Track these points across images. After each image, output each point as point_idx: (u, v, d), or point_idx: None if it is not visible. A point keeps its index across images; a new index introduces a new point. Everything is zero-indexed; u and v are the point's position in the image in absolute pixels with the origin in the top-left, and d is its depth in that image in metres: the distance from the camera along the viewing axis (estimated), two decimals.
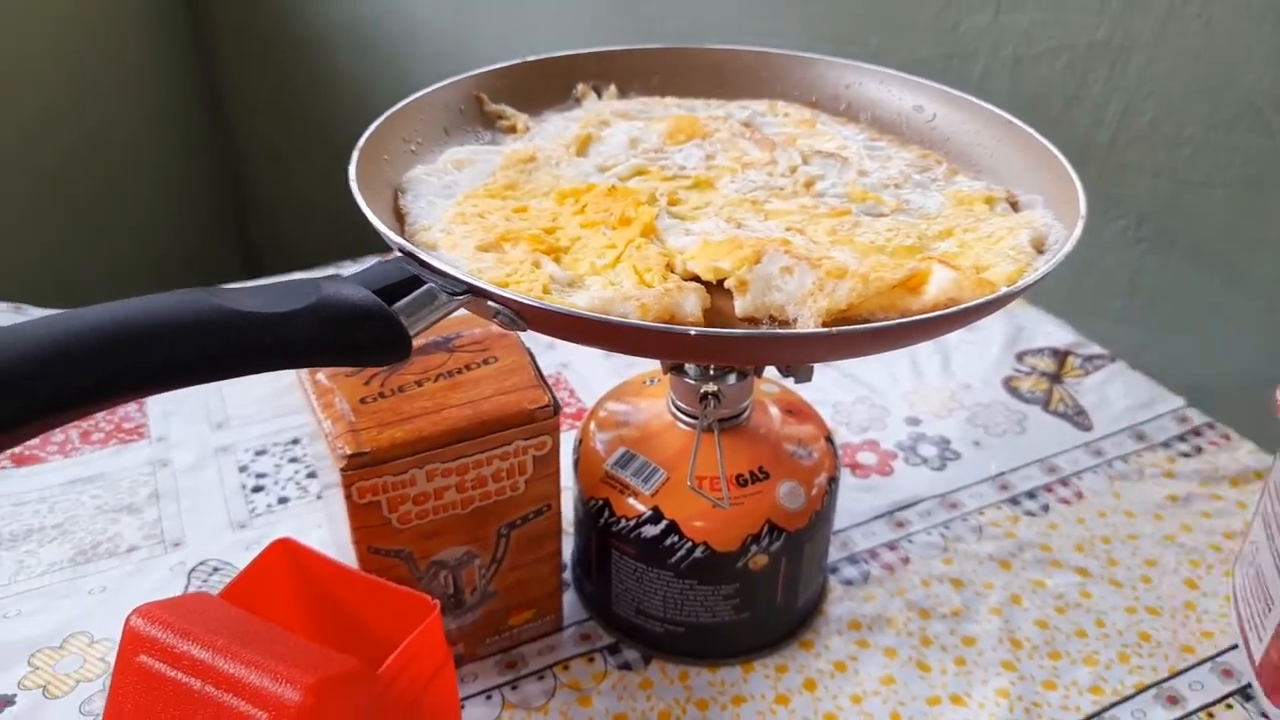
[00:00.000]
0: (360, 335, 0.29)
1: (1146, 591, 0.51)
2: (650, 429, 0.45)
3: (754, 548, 0.43)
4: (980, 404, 0.64)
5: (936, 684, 0.46)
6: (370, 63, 1.28)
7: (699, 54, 0.50)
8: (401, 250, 0.33)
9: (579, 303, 0.33)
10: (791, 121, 0.47)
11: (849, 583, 0.51)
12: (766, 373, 0.47)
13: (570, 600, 0.49)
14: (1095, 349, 0.69)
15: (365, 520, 0.39)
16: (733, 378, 0.42)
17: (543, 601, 0.46)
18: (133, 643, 0.32)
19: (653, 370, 0.49)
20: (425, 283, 0.32)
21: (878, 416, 0.63)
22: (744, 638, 0.46)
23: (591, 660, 0.47)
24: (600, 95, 0.49)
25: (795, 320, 0.34)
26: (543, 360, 0.43)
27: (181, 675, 0.31)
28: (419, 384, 0.41)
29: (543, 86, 0.48)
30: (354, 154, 0.38)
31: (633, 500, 0.43)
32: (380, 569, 0.41)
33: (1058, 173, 0.40)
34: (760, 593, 0.45)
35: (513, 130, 0.47)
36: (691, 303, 0.34)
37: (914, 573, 0.51)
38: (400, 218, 0.39)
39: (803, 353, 0.35)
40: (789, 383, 0.43)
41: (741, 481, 0.43)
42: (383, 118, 0.41)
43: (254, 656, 0.31)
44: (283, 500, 0.55)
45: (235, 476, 0.57)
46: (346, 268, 0.77)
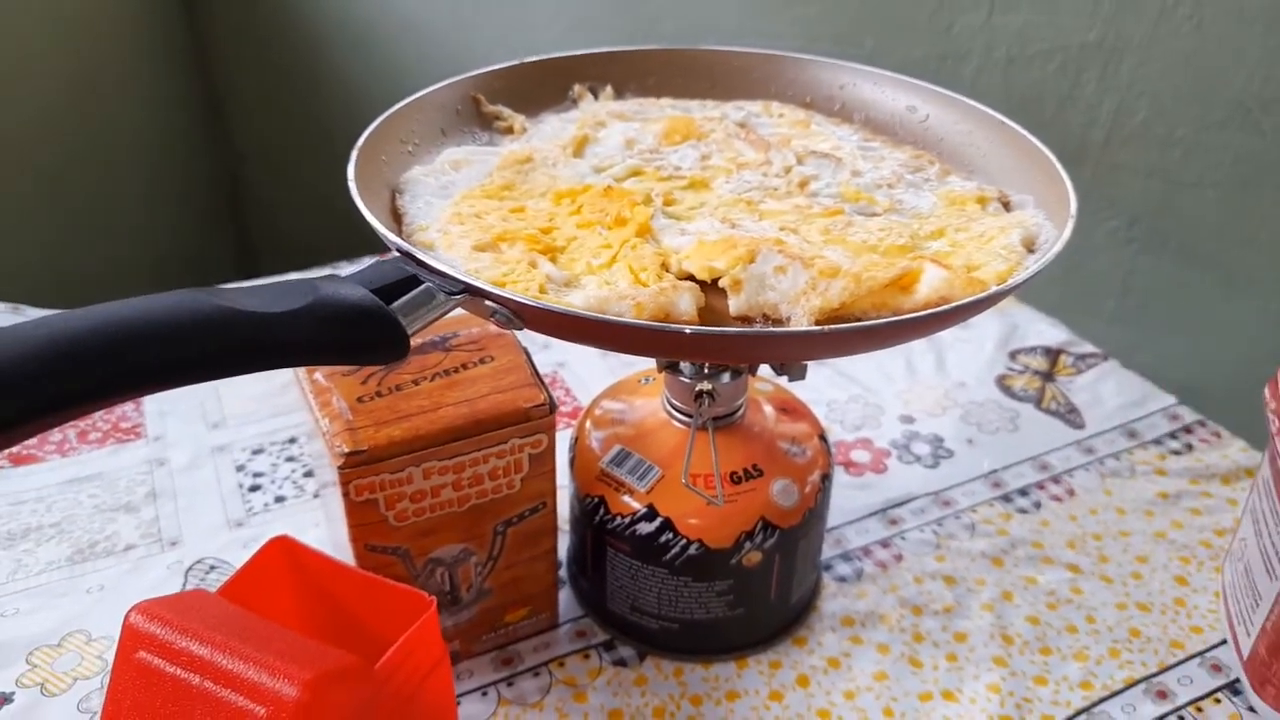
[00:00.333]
0: (358, 334, 0.30)
1: (1137, 588, 0.51)
2: (645, 427, 0.45)
3: (748, 545, 0.43)
4: (973, 402, 0.64)
5: (929, 679, 0.46)
6: (368, 63, 1.28)
7: (694, 55, 0.51)
8: (399, 250, 0.33)
9: (575, 302, 0.34)
10: (786, 122, 0.48)
11: (842, 579, 0.51)
12: (761, 371, 0.48)
13: (566, 597, 0.50)
14: (1088, 348, 0.70)
15: (362, 518, 0.40)
16: (727, 376, 0.43)
17: (538, 599, 0.47)
18: (131, 639, 0.32)
19: (648, 369, 0.50)
20: (423, 282, 0.32)
21: (871, 415, 0.63)
22: (738, 634, 0.47)
23: (587, 657, 0.47)
24: (597, 96, 0.50)
25: (789, 319, 0.34)
26: (539, 360, 0.44)
27: (180, 671, 0.31)
28: (416, 383, 0.42)
29: (539, 87, 0.49)
30: (352, 155, 0.38)
31: (628, 498, 0.43)
32: (377, 566, 0.41)
33: (1049, 173, 0.41)
34: (754, 589, 0.45)
35: (510, 131, 0.47)
36: (686, 302, 0.34)
37: (907, 570, 0.52)
38: (398, 218, 0.39)
39: (796, 351, 0.35)
40: (783, 381, 0.43)
41: (735, 479, 0.43)
42: (380, 119, 0.42)
43: (252, 652, 0.31)
44: (279, 499, 0.56)
45: (232, 475, 0.57)
46: (344, 268, 0.77)
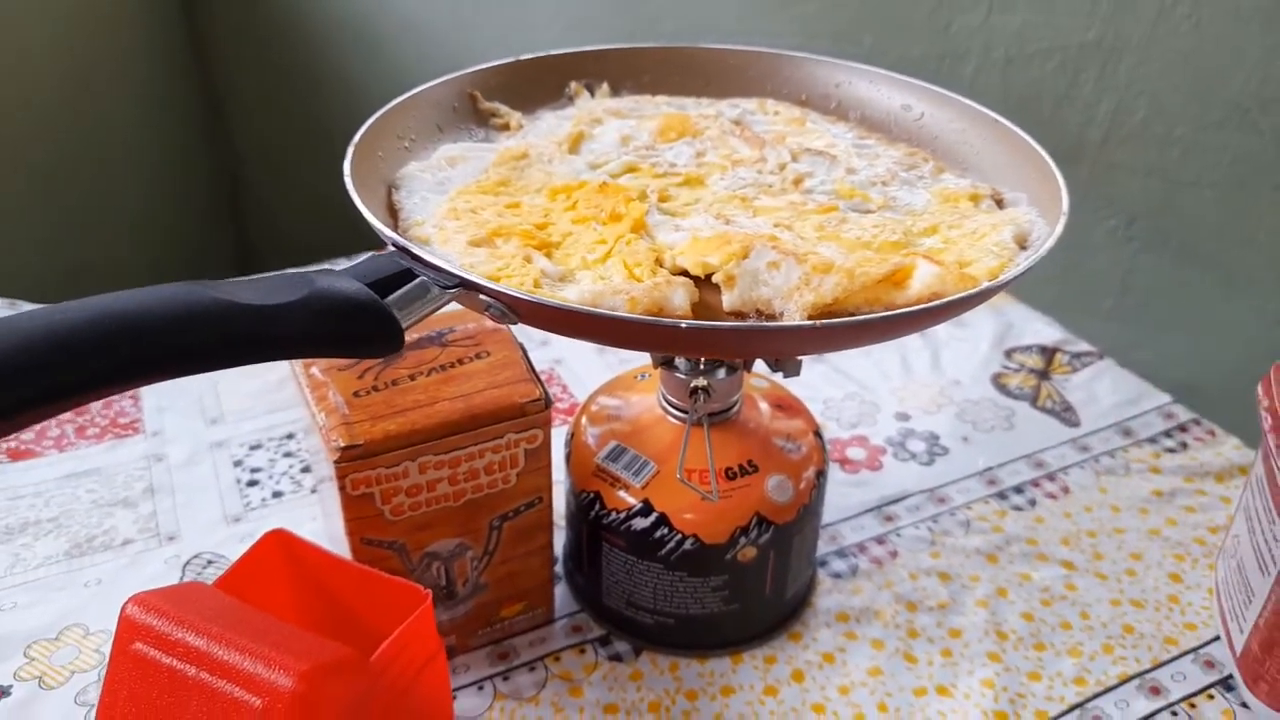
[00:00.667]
0: (353, 327, 0.30)
1: (1131, 584, 0.51)
2: (641, 423, 0.46)
3: (743, 540, 0.43)
4: (969, 400, 0.64)
5: (923, 675, 0.46)
6: (368, 63, 1.28)
7: (691, 53, 0.51)
8: (395, 245, 0.34)
9: (569, 296, 0.34)
10: (781, 120, 0.48)
11: (837, 576, 0.51)
12: (756, 368, 0.48)
13: (561, 592, 0.50)
14: (1083, 346, 0.70)
15: (358, 512, 0.40)
16: (722, 372, 0.43)
17: (534, 593, 0.47)
18: (128, 630, 0.32)
19: (644, 366, 0.50)
20: (418, 276, 0.32)
21: (867, 412, 0.63)
22: (733, 629, 0.47)
23: (582, 651, 0.47)
24: (593, 93, 0.50)
25: (782, 314, 0.34)
26: (536, 357, 0.44)
27: (176, 662, 0.32)
28: (412, 378, 0.42)
29: (536, 85, 0.49)
30: (349, 150, 0.39)
31: (623, 493, 0.44)
32: (373, 560, 0.41)
33: (1042, 170, 0.41)
34: (749, 585, 0.45)
35: (506, 128, 0.47)
36: (680, 297, 0.34)
37: (902, 566, 0.52)
38: (394, 214, 0.40)
39: (788, 345, 0.35)
40: (778, 378, 0.43)
41: (730, 475, 0.43)
42: (377, 115, 0.42)
43: (248, 644, 0.31)
44: (277, 494, 0.56)
45: (230, 471, 0.57)
46: (339, 263, 0.77)
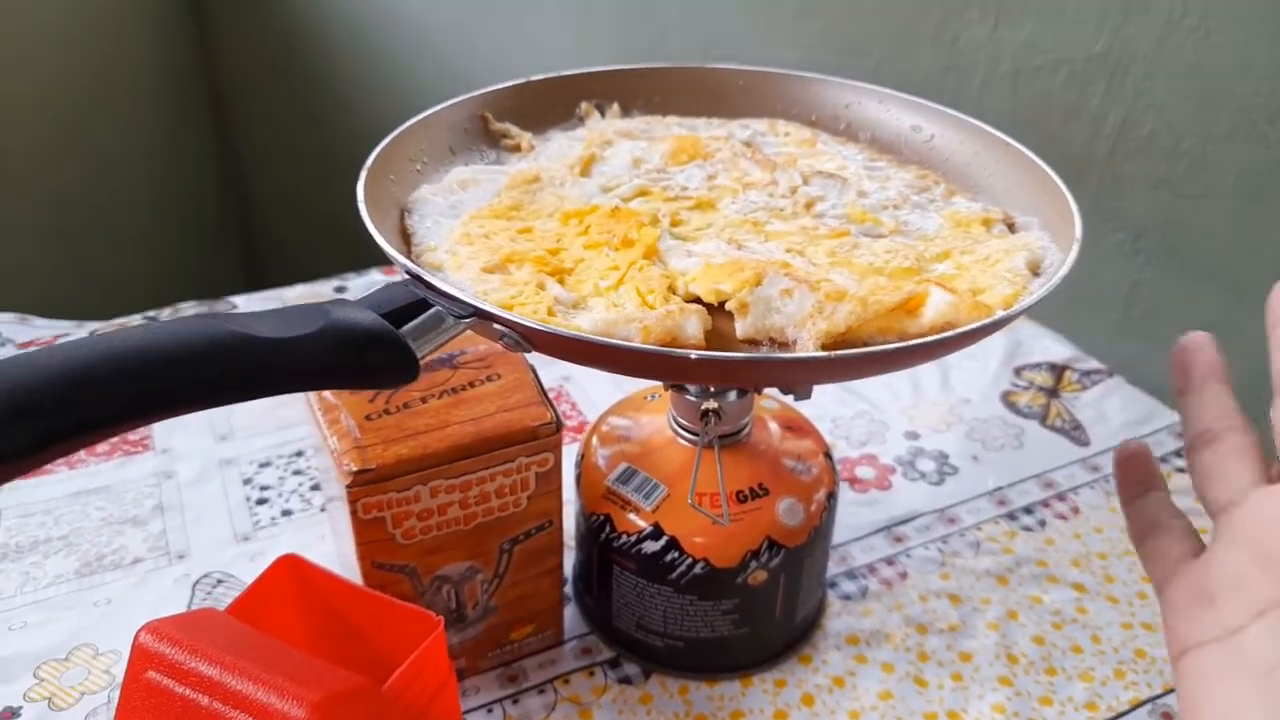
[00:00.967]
0: (369, 359, 0.30)
1: (1142, 607, 0.51)
2: (651, 445, 0.46)
3: (753, 564, 0.43)
4: (978, 419, 0.64)
5: (934, 699, 0.46)
6: (375, 78, 1.28)
7: (700, 74, 0.51)
8: (409, 273, 0.34)
9: (582, 325, 0.34)
10: (792, 141, 0.48)
11: (847, 598, 0.51)
12: (766, 390, 0.48)
13: (571, 614, 0.50)
14: (1093, 364, 0.70)
15: (369, 536, 0.40)
16: (733, 395, 0.43)
17: (544, 616, 0.47)
18: (141, 658, 0.32)
19: (654, 386, 0.50)
20: (432, 306, 0.32)
21: (876, 431, 0.63)
22: (743, 653, 0.47)
23: (592, 674, 0.47)
24: (603, 114, 0.50)
25: (795, 342, 0.34)
26: (545, 374, 0.44)
27: (189, 691, 0.32)
28: (423, 400, 0.42)
29: (546, 106, 0.49)
30: (361, 174, 0.39)
31: (634, 516, 0.44)
32: (384, 584, 0.41)
33: (1054, 194, 0.41)
34: (759, 608, 0.45)
35: (517, 149, 0.47)
36: (693, 325, 0.34)
37: (912, 588, 0.52)
38: (406, 237, 0.40)
39: (802, 375, 0.35)
40: (788, 399, 0.43)
41: (741, 498, 0.43)
42: (390, 137, 0.42)
43: (261, 673, 0.31)
44: (286, 512, 0.56)
45: (239, 489, 0.57)
46: (350, 279, 0.77)
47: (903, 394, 0.67)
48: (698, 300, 0.36)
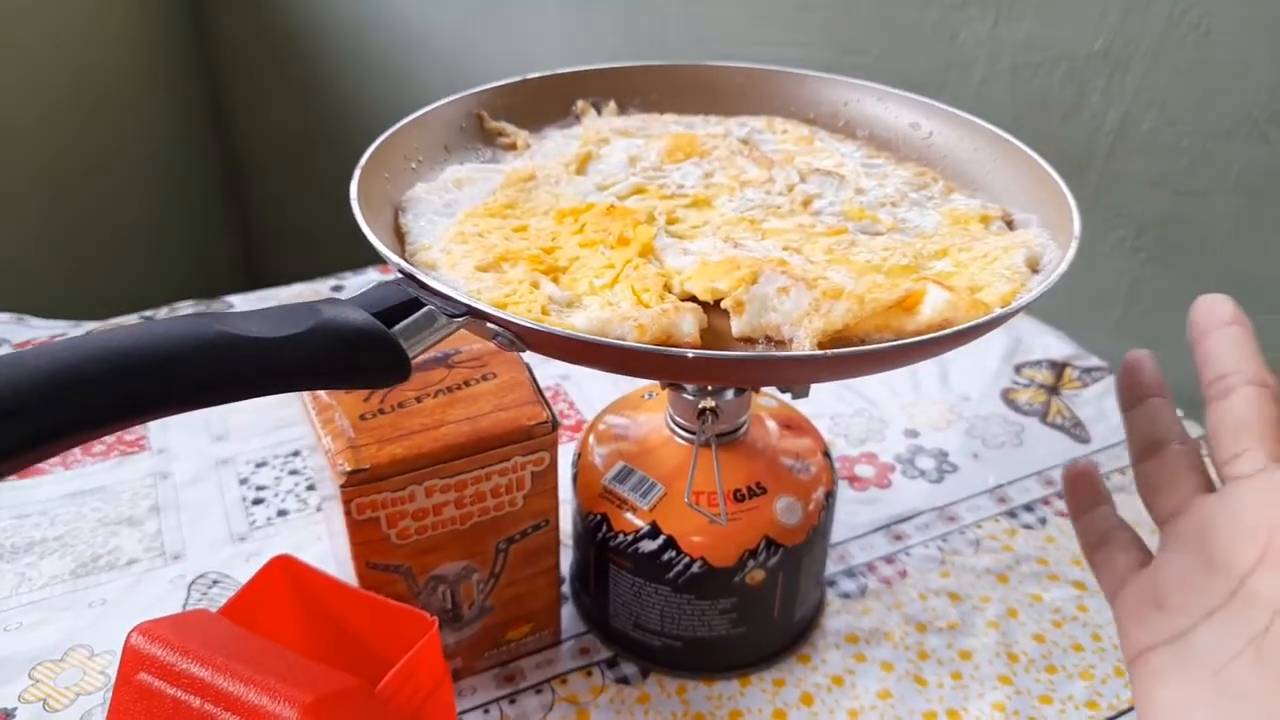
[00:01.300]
0: (360, 359, 0.30)
1: None
2: (648, 443, 0.45)
3: (751, 563, 0.43)
4: (978, 416, 0.64)
5: (933, 698, 0.46)
6: (372, 77, 1.28)
7: (697, 71, 0.51)
8: (401, 272, 0.33)
9: (577, 323, 0.34)
10: (790, 138, 0.48)
11: (846, 596, 0.51)
12: (764, 388, 0.47)
13: (568, 614, 0.49)
14: (1093, 361, 0.70)
15: (364, 536, 0.40)
16: (730, 393, 0.43)
17: (541, 615, 0.47)
18: (133, 660, 0.32)
19: (651, 384, 0.50)
20: (425, 305, 0.32)
21: (876, 429, 0.63)
22: (741, 652, 0.47)
23: (589, 674, 0.47)
24: (600, 112, 0.50)
25: (791, 340, 0.34)
26: (541, 372, 0.44)
27: (181, 693, 0.31)
28: (418, 400, 0.41)
29: (543, 103, 0.49)
30: (355, 172, 0.38)
31: (631, 515, 0.43)
32: (379, 584, 0.41)
33: (1053, 191, 0.40)
34: (757, 607, 0.45)
35: (513, 147, 0.47)
36: (688, 323, 0.34)
37: (911, 586, 0.52)
38: (400, 236, 0.39)
39: (798, 374, 0.35)
40: (786, 397, 0.43)
41: (739, 497, 0.43)
42: (384, 136, 0.42)
43: (253, 674, 0.31)
44: (282, 513, 0.56)
45: (235, 489, 0.57)
46: (346, 278, 0.77)
47: (902, 391, 0.66)
48: (693, 299, 0.36)
